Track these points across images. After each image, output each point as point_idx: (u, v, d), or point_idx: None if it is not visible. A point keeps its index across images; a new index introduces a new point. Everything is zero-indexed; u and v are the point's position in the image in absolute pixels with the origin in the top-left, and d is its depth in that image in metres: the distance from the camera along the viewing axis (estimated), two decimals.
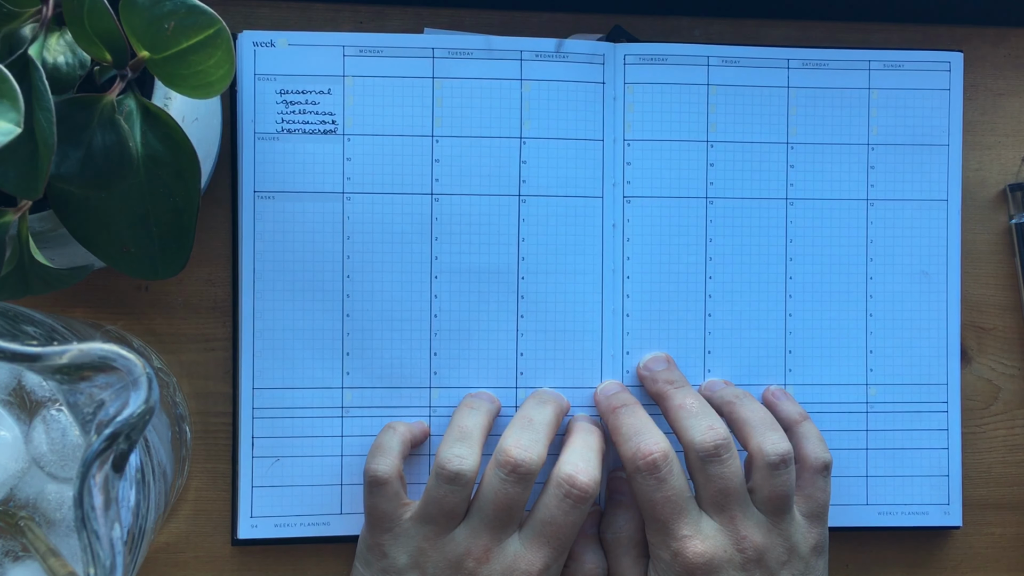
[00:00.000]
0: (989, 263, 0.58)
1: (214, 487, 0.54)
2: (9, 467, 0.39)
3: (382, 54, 0.53)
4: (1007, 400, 0.58)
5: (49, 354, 0.33)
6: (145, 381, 0.33)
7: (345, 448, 0.53)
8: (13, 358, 0.33)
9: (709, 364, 0.55)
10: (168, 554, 0.54)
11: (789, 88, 0.55)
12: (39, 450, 0.39)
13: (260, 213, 0.53)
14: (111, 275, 0.53)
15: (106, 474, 0.33)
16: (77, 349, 0.33)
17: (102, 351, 0.33)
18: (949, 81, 0.56)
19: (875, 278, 0.56)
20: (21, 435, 0.39)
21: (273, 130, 0.53)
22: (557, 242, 0.54)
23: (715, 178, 0.55)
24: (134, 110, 0.40)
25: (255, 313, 0.53)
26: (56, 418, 0.40)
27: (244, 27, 0.54)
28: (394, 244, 0.53)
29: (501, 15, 0.56)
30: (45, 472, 0.40)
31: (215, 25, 0.38)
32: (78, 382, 0.35)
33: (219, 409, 0.54)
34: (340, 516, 0.53)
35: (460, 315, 0.54)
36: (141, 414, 0.33)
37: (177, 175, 0.41)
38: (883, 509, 0.55)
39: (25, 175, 0.35)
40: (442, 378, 0.54)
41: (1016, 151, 0.58)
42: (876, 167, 0.56)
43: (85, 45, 0.38)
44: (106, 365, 0.33)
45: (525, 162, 0.54)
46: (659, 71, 0.54)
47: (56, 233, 0.43)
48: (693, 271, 0.55)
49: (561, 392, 0.54)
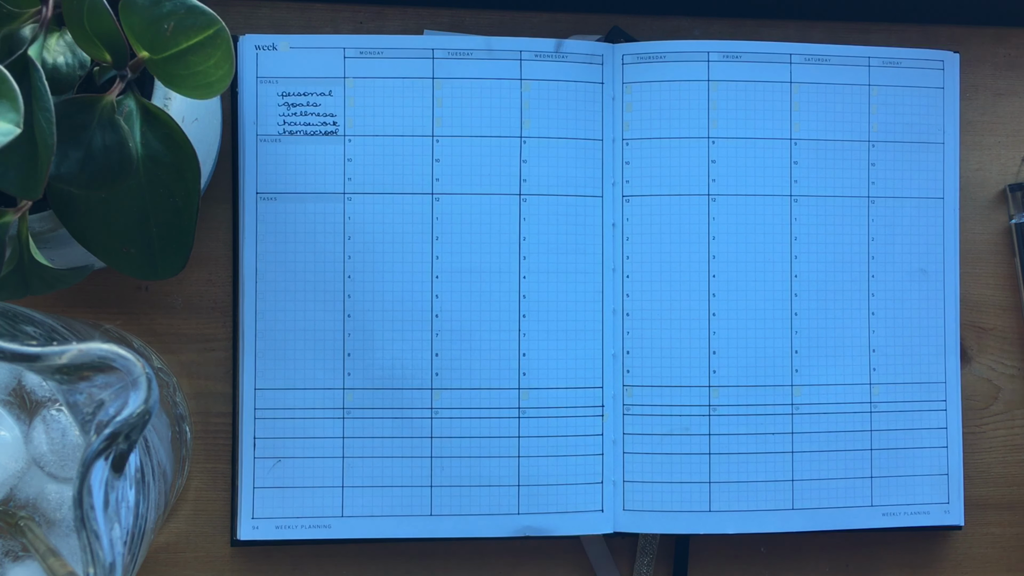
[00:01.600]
0: (989, 263, 0.58)
1: (214, 487, 0.54)
2: (9, 467, 0.39)
3: (382, 55, 0.53)
4: (1007, 400, 0.58)
5: (49, 354, 0.33)
6: (144, 381, 0.33)
7: (346, 450, 0.53)
8: (13, 358, 0.33)
9: (714, 364, 0.55)
10: (168, 554, 0.54)
11: (792, 83, 0.55)
12: (39, 450, 0.39)
13: (262, 214, 0.53)
14: (111, 275, 0.53)
15: (106, 474, 0.33)
16: (76, 349, 0.33)
17: (101, 351, 0.33)
18: (943, 80, 0.56)
19: (876, 276, 0.56)
20: (21, 435, 0.39)
21: (275, 132, 0.53)
22: (557, 241, 0.54)
23: (717, 175, 0.55)
24: (134, 110, 0.40)
25: (257, 313, 0.53)
26: (56, 418, 0.40)
27: (244, 27, 0.54)
28: (395, 244, 0.54)
29: (501, 15, 0.56)
30: (45, 472, 0.40)
31: (215, 26, 0.38)
32: (78, 382, 0.35)
33: (219, 409, 0.54)
34: (341, 519, 0.53)
35: (461, 315, 0.54)
36: (140, 414, 0.33)
37: (177, 175, 0.41)
38: (887, 510, 0.55)
39: (25, 175, 0.35)
40: (444, 379, 0.54)
41: (1016, 151, 0.58)
42: (876, 164, 0.56)
43: (85, 45, 0.38)
44: (105, 365, 0.33)
45: (525, 161, 0.54)
46: (658, 69, 0.54)
47: (56, 233, 0.43)
48: (696, 269, 0.55)
49: (561, 392, 0.54)
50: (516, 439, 0.54)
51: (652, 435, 0.54)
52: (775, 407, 0.55)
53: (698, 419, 0.54)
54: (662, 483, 0.54)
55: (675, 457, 0.54)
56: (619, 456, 0.54)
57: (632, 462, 0.54)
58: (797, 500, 0.55)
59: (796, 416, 0.55)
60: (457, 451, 0.54)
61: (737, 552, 0.57)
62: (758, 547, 0.57)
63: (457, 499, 0.53)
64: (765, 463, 0.55)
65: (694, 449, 0.54)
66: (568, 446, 0.54)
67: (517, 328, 0.54)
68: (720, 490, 0.54)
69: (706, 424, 0.54)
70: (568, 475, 0.54)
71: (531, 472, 0.54)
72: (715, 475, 0.54)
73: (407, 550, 0.55)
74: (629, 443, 0.54)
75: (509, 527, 0.54)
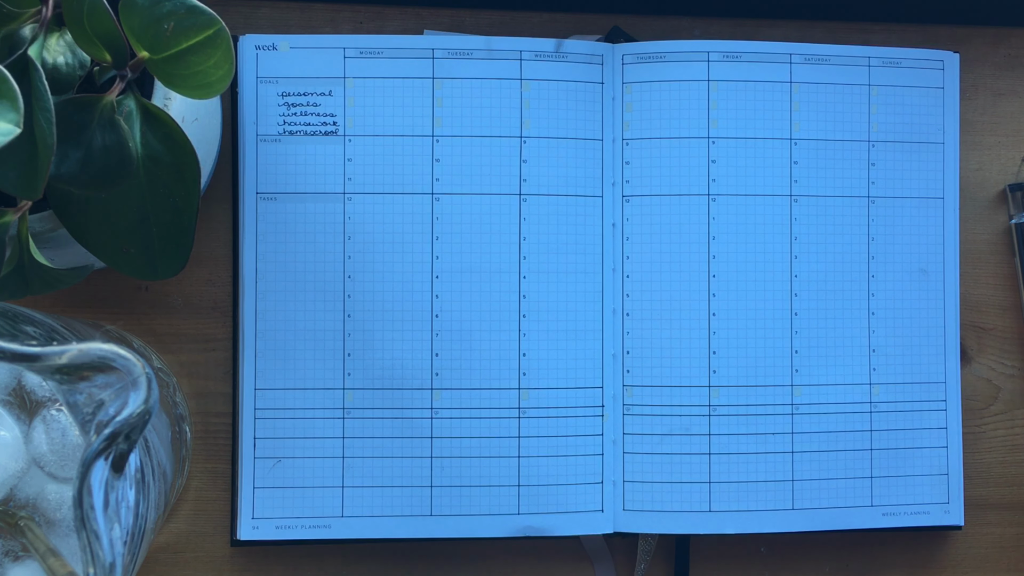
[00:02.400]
0: (989, 263, 0.58)
1: (214, 487, 0.54)
2: (9, 467, 0.39)
3: (382, 55, 0.53)
4: (1007, 400, 0.58)
5: (49, 354, 0.33)
6: (144, 381, 0.33)
7: (346, 450, 0.53)
8: (13, 358, 0.33)
9: (714, 364, 0.55)
10: (168, 554, 0.54)
11: (792, 83, 0.55)
12: (39, 450, 0.39)
13: (262, 214, 0.53)
14: (111, 275, 0.53)
15: (106, 474, 0.33)
16: (77, 349, 0.33)
17: (101, 351, 0.33)
18: (943, 80, 0.56)
19: (876, 276, 0.56)
20: (21, 435, 0.39)
21: (275, 132, 0.53)
22: (557, 241, 0.54)
23: (717, 175, 0.55)
24: (134, 110, 0.40)
25: (257, 313, 0.53)
26: (56, 418, 0.40)
27: (244, 27, 0.54)
28: (395, 244, 0.54)
29: (501, 15, 0.56)
30: (45, 472, 0.40)
31: (214, 26, 0.38)
32: (78, 382, 0.35)
33: (219, 409, 0.54)
34: (341, 519, 0.53)
35: (461, 315, 0.54)
36: (140, 414, 0.33)
37: (177, 175, 0.41)
38: (887, 510, 0.55)
39: (25, 175, 0.35)
40: (444, 379, 0.54)
41: (1016, 151, 0.58)
42: (876, 164, 0.56)
43: (85, 45, 0.38)
44: (105, 365, 0.33)
45: (525, 161, 0.54)
46: (658, 69, 0.54)
47: (56, 233, 0.43)
48: (696, 269, 0.55)
49: (561, 392, 0.54)
50: (516, 439, 0.54)
51: (652, 435, 0.54)
52: (775, 407, 0.55)
53: (698, 419, 0.54)
54: (662, 483, 0.54)
55: (675, 457, 0.54)
56: (619, 456, 0.54)
57: (632, 462, 0.54)
58: (797, 500, 0.55)
59: (796, 416, 0.55)
60: (457, 451, 0.54)
61: (737, 552, 0.57)
62: (758, 547, 0.57)
63: (457, 499, 0.53)
64: (765, 463, 0.55)
65: (694, 449, 0.54)
66: (568, 446, 0.54)
67: (517, 328, 0.54)
68: (720, 490, 0.54)
69: (706, 424, 0.54)
70: (568, 475, 0.54)
71: (531, 472, 0.54)
72: (715, 475, 0.54)
73: (407, 550, 0.55)
74: (629, 443, 0.54)
75: (509, 527, 0.54)
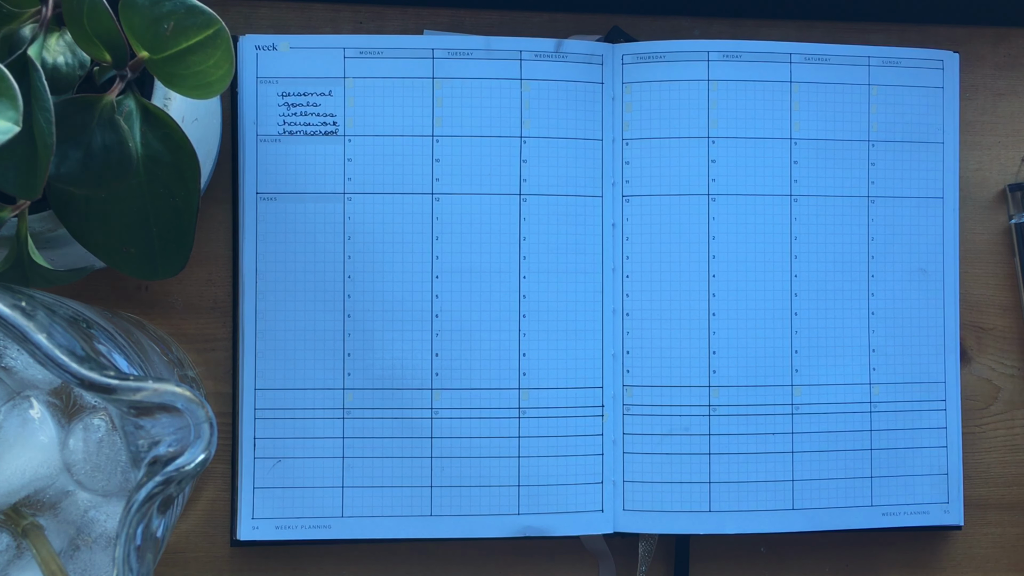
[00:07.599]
0: (989, 263, 0.58)
1: (214, 487, 0.54)
2: (39, 472, 0.39)
3: (382, 55, 0.53)
4: (1007, 400, 0.58)
5: (124, 388, 0.33)
6: (207, 429, 0.33)
7: (346, 450, 0.53)
8: (91, 387, 0.32)
9: (714, 364, 0.55)
10: (168, 554, 0.54)
11: (792, 83, 0.55)
12: (73, 457, 0.39)
13: (262, 214, 0.53)
14: (111, 275, 0.53)
15: (152, 515, 0.33)
16: (152, 389, 0.33)
17: (174, 396, 0.33)
18: (943, 80, 0.56)
19: (876, 276, 0.56)
20: (58, 440, 0.39)
21: (275, 132, 0.53)
22: (557, 241, 0.54)
23: (717, 175, 0.55)
24: (134, 110, 0.40)
25: (257, 313, 0.53)
26: (97, 427, 0.39)
27: (244, 27, 0.54)
28: (395, 244, 0.54)
29: (501, 15, 0.56)
30: (74, 479, 0.39)
31: (214, 25, 0.38)
32: (141, 417, 0.34)
33: (219, 409, 0.54)
34: (341, 519, 0.53)
35: (461, 315, 0.54)
36: (200, 462, 0.33)
37: (177, 175, 0.41)
38: (887, 510, 0.55)
39: (24, 175, 0.36)
40: (444, 379, 0.54)
41: (1016, 151, 0.58)
42: (876, 164, 0.56)
43: (85, 45, 0.38)
44: (173, 408, 0.33)
45: (525, 161, 0.54)
46: (658, 69, 0.54)
47: (56, 233, 0.43)
48: (696, 269, 0.55)
49: (561, 392, 0.54)
50: (516, 439, 0.54)
51: (652, 435, 0.54)
52: (775, 407, 0.55)
53: (698, 419, 0.54)
54: (662, 483, 0.54)
55: (675, 457, 0.54)
56: (619, 456, 0.54)
57: (632, 462, 0.54)
58: (797, 500, 0.55)
59: (796, 416, 0.55)
60: (457, 451, 0.54)
61: (737, 552, 0.57)
62: (758, 547, 0.57)
63: (457, 499, 0.53)
64: (765, 463, 0.55)
65: (694, 449, 0.54)
66: (568, 446, 0.54)
67: (517, 328, 0.54)
68: (720, 490, 0.54)
69: (706, 424, 0.54)
70: (568, 475, 0.54)
71: (531, 472, 0.54)
72: (715, 475, 0.54)
73: (407, 550, 0.55)
74: (629, 443, 0.54)
75: (509, 527, 0.54)
